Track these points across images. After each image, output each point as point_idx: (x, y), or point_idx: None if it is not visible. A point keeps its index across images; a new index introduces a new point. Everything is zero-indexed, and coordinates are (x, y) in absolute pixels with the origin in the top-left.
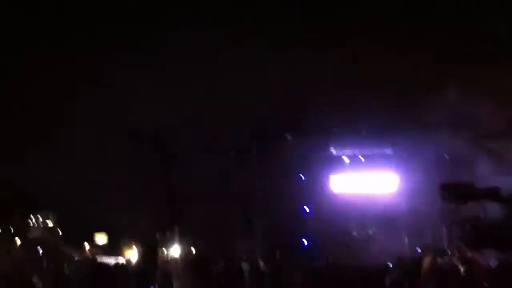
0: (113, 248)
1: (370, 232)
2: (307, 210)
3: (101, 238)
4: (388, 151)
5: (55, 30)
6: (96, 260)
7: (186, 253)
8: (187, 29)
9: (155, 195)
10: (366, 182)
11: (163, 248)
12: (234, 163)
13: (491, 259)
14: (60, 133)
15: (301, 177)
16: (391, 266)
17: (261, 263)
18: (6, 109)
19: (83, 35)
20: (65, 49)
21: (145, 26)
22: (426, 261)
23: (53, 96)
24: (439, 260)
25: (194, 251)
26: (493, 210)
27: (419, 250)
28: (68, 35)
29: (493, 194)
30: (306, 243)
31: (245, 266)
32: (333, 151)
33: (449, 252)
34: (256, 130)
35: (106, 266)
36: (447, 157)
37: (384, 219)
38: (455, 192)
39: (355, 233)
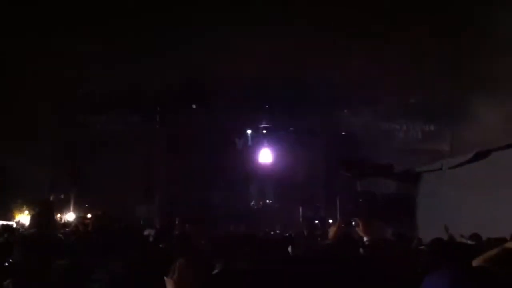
0: (4, 211)
1: (268, 203)
2: (208, 181)
3: None
4: (290, 126)
5: None
6: None
7: (81, 218)
8: None
9: (51, 156)
10: (267, 155)
11: (58, 214)
12: (138, 130)
13: (383, 232)
14: None
15: (204, 149)
16: (289, 235)
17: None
18: None
19: None
20: None
21: None
22: (332, 230)
23: None
24: (344, 229)
25: (89, 216)
26: (386, 186)
27: (316, 221)
28: None
29: (385, 170)
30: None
31: (148, 231)
32: (238, 124)
33: (353, 223)
34: (164, 99)
35: None
36: (344, 134)
37: (282, 191)
38: (351, 167)
39: (253, 203)
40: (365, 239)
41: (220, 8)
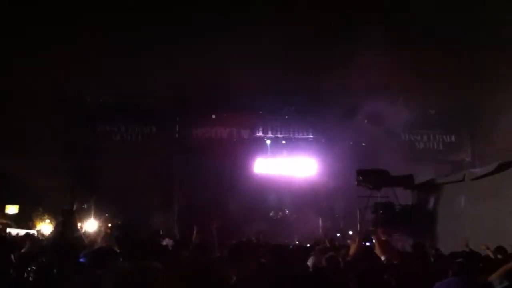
0: (25, 220)
1: (287, 213)
2: (227, 191)
3: (12, 209)
4: (309, 136)
5: None
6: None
7: (102, 228)
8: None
9: (73, 165)
10: (286, 165)
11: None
12: (156, 139)
13: (401, 243)
14: None
15: (222, 157)
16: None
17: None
18: None
19: None
20: None
21: None
22: (352, 247)
23: None
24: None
25: (110, 226)
26: (405, 197)
27: (338, 234)
28: None
29: (406, 181)
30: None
31: (167, 241)
32: (256, 133)
33: (373, 240)
34: (181, 107)
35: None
36: (363, 144)
37: (300, 201)
38: (370, 178)
39: (272, 214)
40: (382, 258)
41: (234, 14)
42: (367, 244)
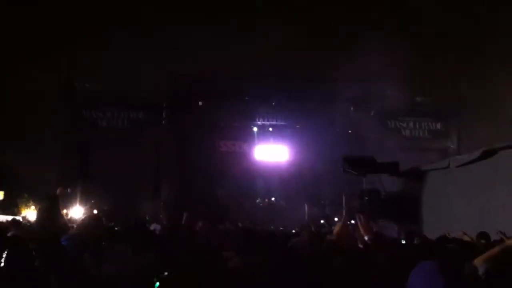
0: (10, 206)
1: (273, 200)
2: (214, 178)
3: None
4: (295, 123)
5: None
6: None
7: (88, 214)
8: None
9: (59, 152)
10: (272, 151)
11: (64, 209)
12: (143, 125)
13: (387, 229)
14: None
15: (210, 144)
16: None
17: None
18: None
19: None
20: None
21: None
22: (338, 226)
23: None
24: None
25: (96, 212)
26: (391, 183)
27: (322, 221)
28: None
29: (391, 168)
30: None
31: (155, 226)
32: (243, 120)
33: (358, 220)
34: (169, 95)
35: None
36: (350, 131)
37: (287, 188)
38: (356, 164)
39: (258, 201)
40: (366, 238)
41: (222, 4)
42: (352, 222)
